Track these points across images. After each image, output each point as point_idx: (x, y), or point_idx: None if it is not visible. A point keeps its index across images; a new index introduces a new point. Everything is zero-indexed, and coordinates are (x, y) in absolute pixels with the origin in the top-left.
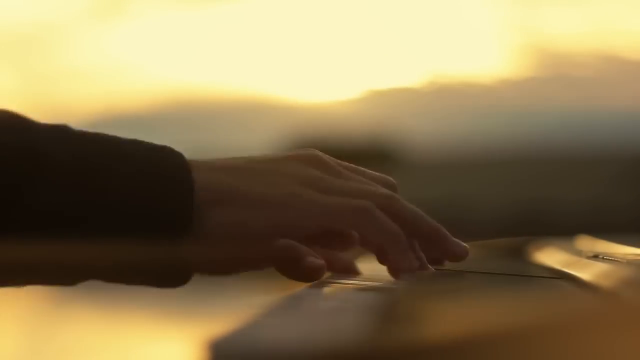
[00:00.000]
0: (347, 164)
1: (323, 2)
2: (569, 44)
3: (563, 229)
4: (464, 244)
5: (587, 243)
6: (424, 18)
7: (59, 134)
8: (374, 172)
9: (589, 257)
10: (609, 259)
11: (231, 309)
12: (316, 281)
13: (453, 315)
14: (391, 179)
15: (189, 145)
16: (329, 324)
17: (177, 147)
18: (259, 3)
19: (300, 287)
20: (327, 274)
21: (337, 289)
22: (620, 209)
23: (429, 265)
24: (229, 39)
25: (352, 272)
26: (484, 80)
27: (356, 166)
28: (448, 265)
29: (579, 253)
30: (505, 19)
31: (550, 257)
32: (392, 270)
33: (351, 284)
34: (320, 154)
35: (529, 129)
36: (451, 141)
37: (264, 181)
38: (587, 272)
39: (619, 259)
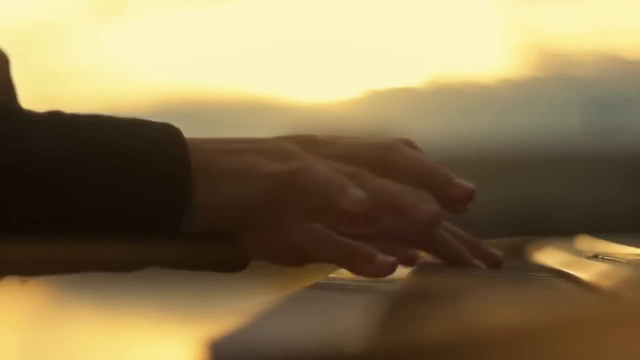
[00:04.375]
0: (344, 138)
1: (323, 2)
2: (569, 44)
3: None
4: (432, 208)
5: (587, 243)
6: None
7: (52, 125)
8: (370, 140)
9: (589, 257)
10: (609, 259)
11: (231, 309)
12: (317, 281)
13: (453, 315)
14: (394, 140)
15: None
16: (328, 324)
17: None
18: (259, 3)
19: (300, 287)
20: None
21: (337, 289)
22: (620, 209)
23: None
24: (228, 39)
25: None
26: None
27: (352, 138)
28: (448, 265)
29: (579, 253)
30: (505, 19)
31: (550, 257)
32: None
33: (351, 284)
34: (314, 135)
35: (529, 128)
36: (451, 141)
37: (240, 156)
38: (587, 272)
39: (619, 259)
